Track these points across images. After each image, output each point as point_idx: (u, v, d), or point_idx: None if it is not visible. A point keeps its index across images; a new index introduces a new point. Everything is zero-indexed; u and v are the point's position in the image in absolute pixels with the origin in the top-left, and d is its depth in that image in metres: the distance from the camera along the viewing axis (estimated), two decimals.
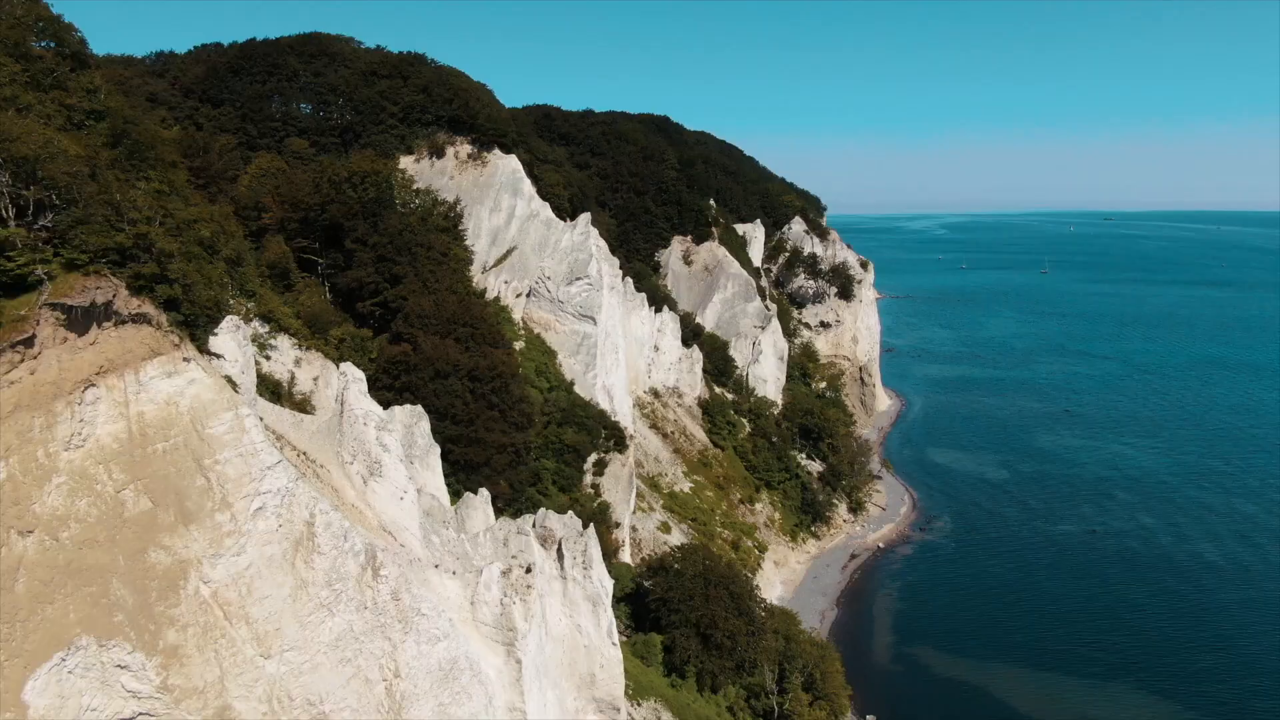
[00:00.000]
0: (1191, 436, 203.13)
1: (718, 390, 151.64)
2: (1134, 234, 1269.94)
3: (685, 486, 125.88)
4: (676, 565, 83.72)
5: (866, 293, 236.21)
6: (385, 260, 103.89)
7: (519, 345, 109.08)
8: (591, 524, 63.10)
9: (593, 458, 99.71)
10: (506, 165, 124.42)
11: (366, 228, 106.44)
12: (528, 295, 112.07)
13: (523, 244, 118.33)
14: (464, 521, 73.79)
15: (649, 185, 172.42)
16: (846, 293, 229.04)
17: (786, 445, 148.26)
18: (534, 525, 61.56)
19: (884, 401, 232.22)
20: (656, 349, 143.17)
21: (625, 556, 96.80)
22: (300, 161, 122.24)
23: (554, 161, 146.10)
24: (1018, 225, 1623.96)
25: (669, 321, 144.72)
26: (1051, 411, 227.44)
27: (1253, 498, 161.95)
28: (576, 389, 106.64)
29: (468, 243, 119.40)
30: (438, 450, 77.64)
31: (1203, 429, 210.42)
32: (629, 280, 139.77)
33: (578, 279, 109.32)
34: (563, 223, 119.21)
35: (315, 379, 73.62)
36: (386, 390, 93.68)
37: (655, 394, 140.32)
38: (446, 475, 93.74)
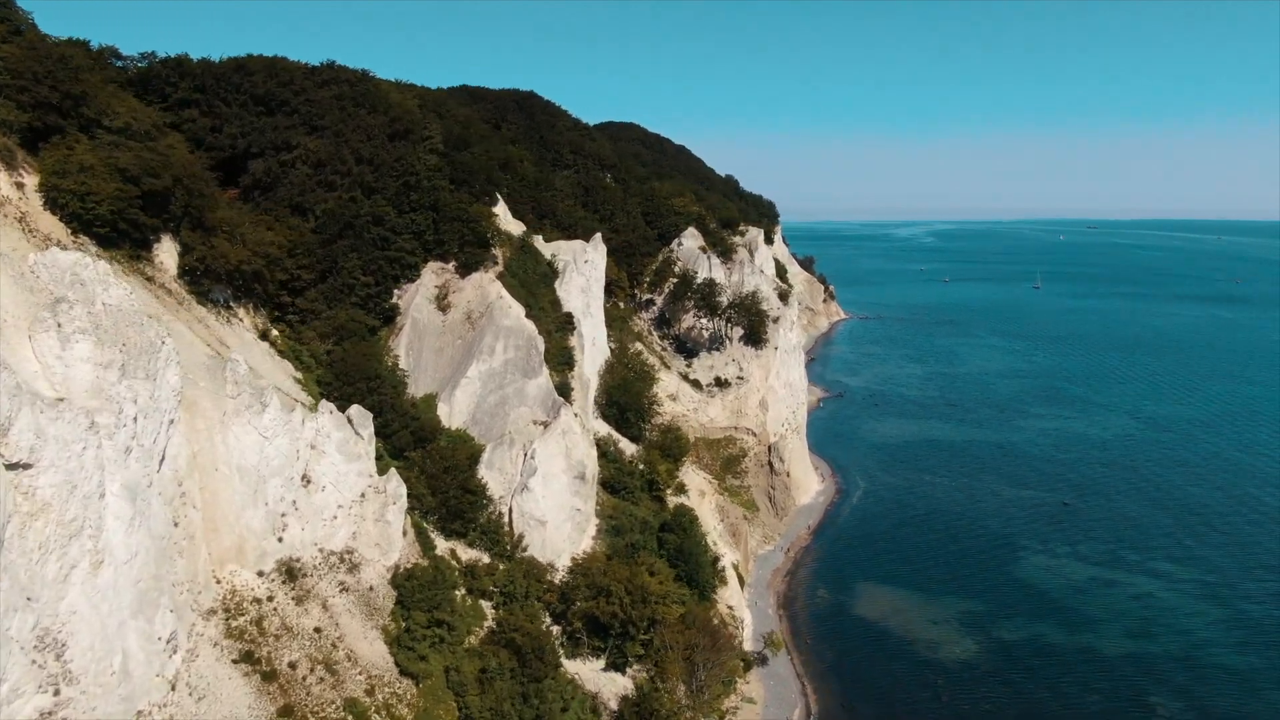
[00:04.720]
0: (1255, 553, 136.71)
1: (443, 548, 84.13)
2: (1129, 243, 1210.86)
3: None
4: None
5: (786, 336, 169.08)
6: None
7: None
8: None
9: None
10: None
11: None
12: None
13: None
14: None
15: (388, 179, 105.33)
16: (755, 337, 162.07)
17: (563, 653, 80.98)
18: None
19: (808, 488, 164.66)
20: (306, 482, 75.95)
21: None
22: None
23: (124, 131, 78.48)
24: (1006, 233, 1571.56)
25: (335, 429, 77.54)
26: (1044, 507, 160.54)
27: None
28: None
29: None
30: None
31: (1267, 529, 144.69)
32: (236, 362, 72.24)
33: None
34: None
35: None
36: None
37: (289, 574, 72.77)
38: None
